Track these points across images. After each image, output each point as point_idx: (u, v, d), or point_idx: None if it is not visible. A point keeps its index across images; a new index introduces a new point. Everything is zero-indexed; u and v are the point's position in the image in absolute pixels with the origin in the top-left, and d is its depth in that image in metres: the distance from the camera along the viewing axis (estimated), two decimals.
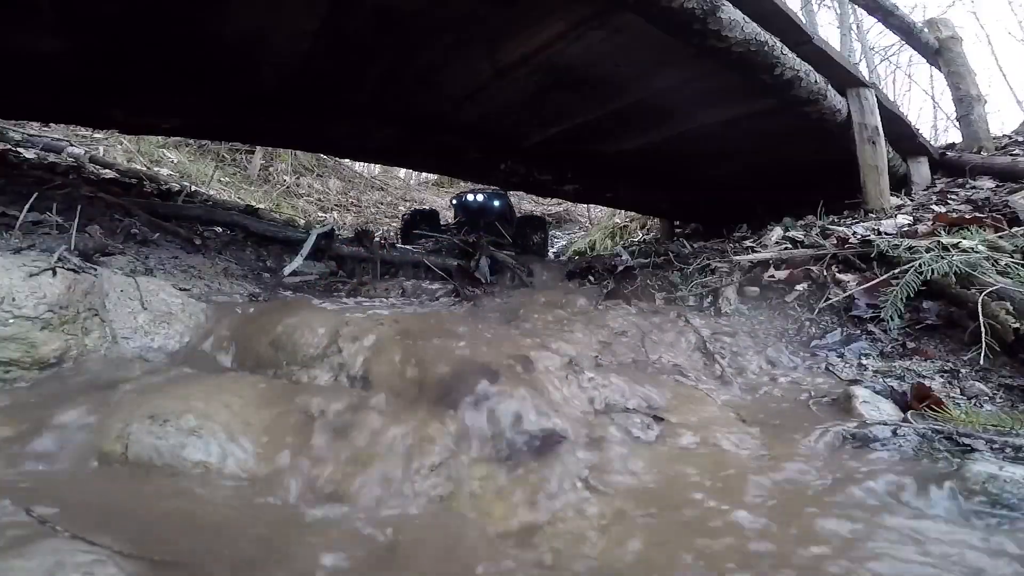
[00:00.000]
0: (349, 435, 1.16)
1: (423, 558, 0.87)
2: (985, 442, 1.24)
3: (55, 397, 1.16)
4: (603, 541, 0.93)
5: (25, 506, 0.78)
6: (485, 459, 1.12)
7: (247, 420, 1.13)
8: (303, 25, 2.63)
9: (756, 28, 2.58)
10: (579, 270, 3.21)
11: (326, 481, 1.04)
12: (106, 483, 0.96)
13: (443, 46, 2.87)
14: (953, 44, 4.86)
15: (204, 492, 0.97)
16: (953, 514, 0.96)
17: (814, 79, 3.03)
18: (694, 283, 2.70)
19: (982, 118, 4.74)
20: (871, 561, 0.82)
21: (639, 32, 2.53)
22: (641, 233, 7.23)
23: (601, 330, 1.97)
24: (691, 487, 1.10)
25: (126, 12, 2.41)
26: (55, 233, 1.99)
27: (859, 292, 2.17)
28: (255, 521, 0.91)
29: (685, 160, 4.49)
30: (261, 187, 9.27)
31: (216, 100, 3.27)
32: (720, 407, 1.50)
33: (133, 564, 0.69)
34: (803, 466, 1.18)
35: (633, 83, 3.15)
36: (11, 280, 1.24)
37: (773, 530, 0.93)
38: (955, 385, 1.64)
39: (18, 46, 2.56)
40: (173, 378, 1.28)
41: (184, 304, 1.61)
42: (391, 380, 1.39)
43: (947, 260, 2.01)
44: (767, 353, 1.94)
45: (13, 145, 4.43)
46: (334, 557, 0.83)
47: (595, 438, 1.26)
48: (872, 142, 3.39)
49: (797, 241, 2.91)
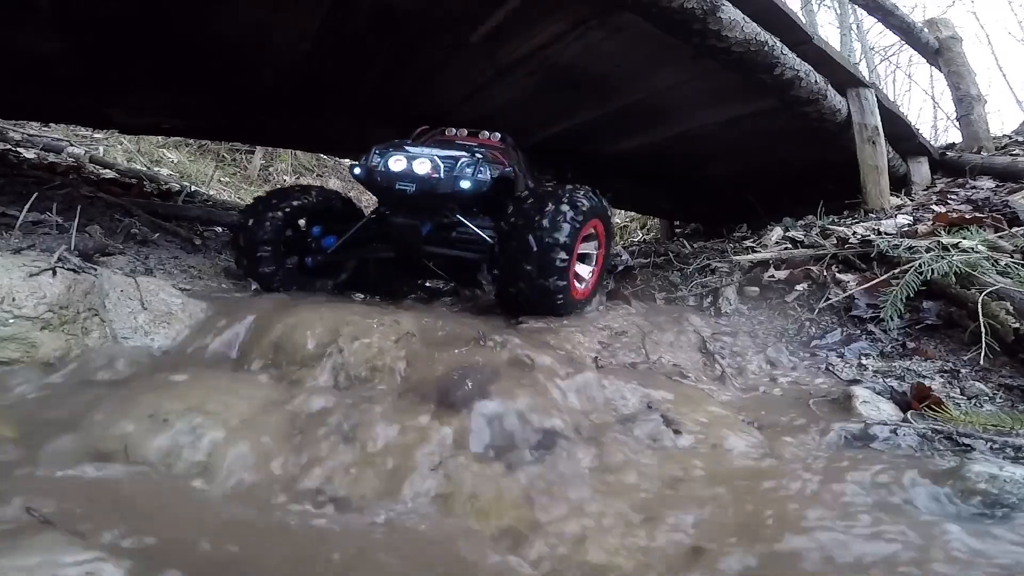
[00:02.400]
0: (349, 435, 1.16)
1: (420, 557, 0.87)
2: (985, 442, 1.24)
3: (55, 396, 1.16)
4: (602, 541, 0.93)
5: (26, 505, 0.78)
6: (485, 459, 1.12)
7: (248, 419, 1.13)
8: (303, 25, 2.63)
9: (756, 28, 2.58)
10: None
11: (326, 481, 1.04)
12: (106, 482, 0.96)
13: (443, 46, 2.87)
14: (953, 44, 4.86)
15: (204, 492, 0.97)
16: (952, 513, 0.96)
17: (814, 79, 3.03)
18: (694, 283, 2.70)
19: (982, 118, 4.74)
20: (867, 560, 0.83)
21: (639, 32, 2.53)
22: (641, 233, 7.22)
23: (601, 331, 1.97)
24: (691, 487, 1.10)
25: (126, 12, 2.41)
26: (55, 233, 1.99)
27: (859, 292, 2.17)
28: (255, 521, 0.91)
29: (685, 160, 4.48)
30: (261, 187, 9.27)
31: (216, 100, 3.27)
32: (721, 407, 1.50)
33: (133, 563, 0.69)
34: (803, 466, 1.18)
35: (633, 83, 3.15)
36: (11, 280, 1.24)
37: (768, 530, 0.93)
38: (955, 385, 1.64)
39: (18, 46, 2.56)
40: (173, 378, 1.28)
41: (184, 304, 1.61)
42: (391, 380, 1.39)
43: (947, 260, 2.01)
44: (767, 353, 1.94)
45: (13, 145, 4.43)
46: (334, 556, 0.83)
47: (595, 438, 1.26)
48: (872, 142, 3.39)
49: (797, 241, 2.91)
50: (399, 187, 2.08)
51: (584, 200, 2.04)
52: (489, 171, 2.24)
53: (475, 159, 2.18)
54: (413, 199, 2.10)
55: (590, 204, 2.06)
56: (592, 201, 2.09)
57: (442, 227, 2.29)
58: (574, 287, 2.07)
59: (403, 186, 2.07)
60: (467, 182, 2.06)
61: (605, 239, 2.30)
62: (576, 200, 2.02)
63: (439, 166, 2.09)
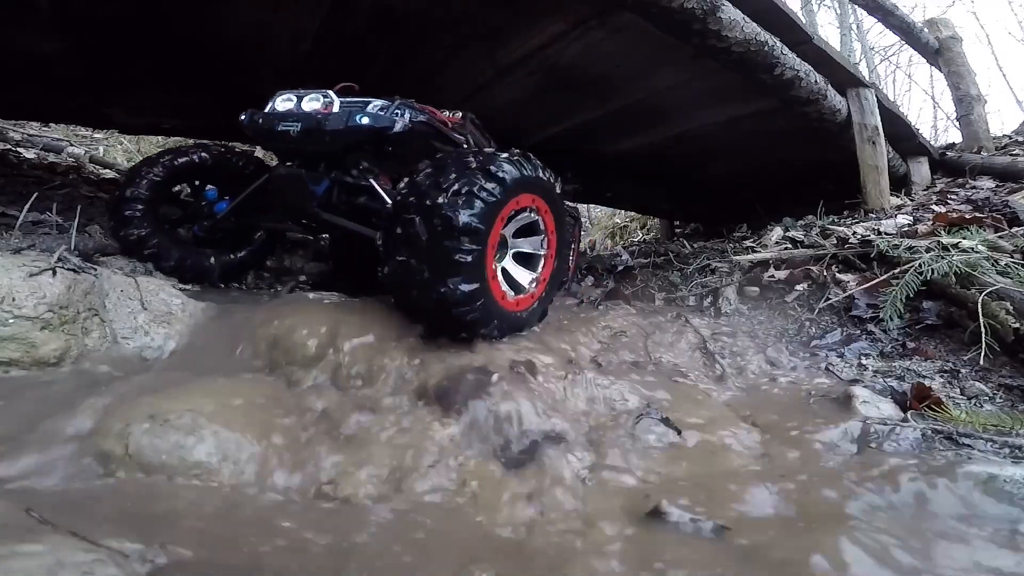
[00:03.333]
0: (349, 434, 1.16)
1: (417, 555, 0.87)
2: (985, 442, 1.24)
3: (55, 397, 1.16)
4: (598, 541, 0.93)
5: (25, 505, 0.78)
6: (485, 458, 1.12)
7: (248, 419, 1.13)
8: (303, 25, 2.63)
9: (756, 28, 2.58)
10: (580, 270, 3.21)
11: (326, 480, 1.04)
12: (106, 482, 0.96)
13: (443, 46, 2.87)
14: (953, 44, 4.86)
15: (205, 491, 0.97)
16: (951, 513, 0.96)
17: (814, 79, 3.03)
18: (694, 283, 2.70)
19: (982, 118, 4.74)
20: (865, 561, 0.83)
21: (639, 32, 2.53)
22: (641, 233, 7.22)
23: (601, 331, 1.97)
24: (691, 487, 1.10)
25: (126, 12, 2.41)
26: (55, 233, 1.99)
27: (859, 292, 2.17)
28: (255, 521, 0.91)
29: (685, 160, 4.48)
30: None
31: (216, 100, 3.26)
32: (720, 407, 1.50)
33: (133, 563, 0.69)
34: (803, 465, 1.18)
35: (633, 83, 3.15)
36: (11, 280, 1.24)
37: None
38: (955, 385, 1.64)
39: (18, 46, 2.56)
40: (173, 378, 1.28)
41: (184, 304, 1.61)
42: (391, 380, 1.39)
43: (947, 260, 2.01)
44: (767, 353, 1.94)
45: (13, 145, 4.43)
46: (336, 554, 0.83)
47: (595, 439, 1.26)
48: (872, 142, 3.39)
49: (797, 241, 2.91)
50: (281, 128, 1.65)
51: (508, 165, 1.45)
52: (409, 114, 1.75)
53: (391, 101, 1.73)
54: (297, 142, 1.65)
55: (518, 171, 1.47)
56: (522, 168, 1.50)
57: (347, 189, 1.76)
58: (499, 294, 1.50)
59: (286, 126, 1.64)
60: (367, 118, 1.61)
61: (556, 226, 1.72)
62: (493, 165, 1.42)
63: (334, 102, 1.67)
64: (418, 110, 1.87)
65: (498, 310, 1.49)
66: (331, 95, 1.70)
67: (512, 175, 1.46)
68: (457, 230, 1.33)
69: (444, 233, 1.33)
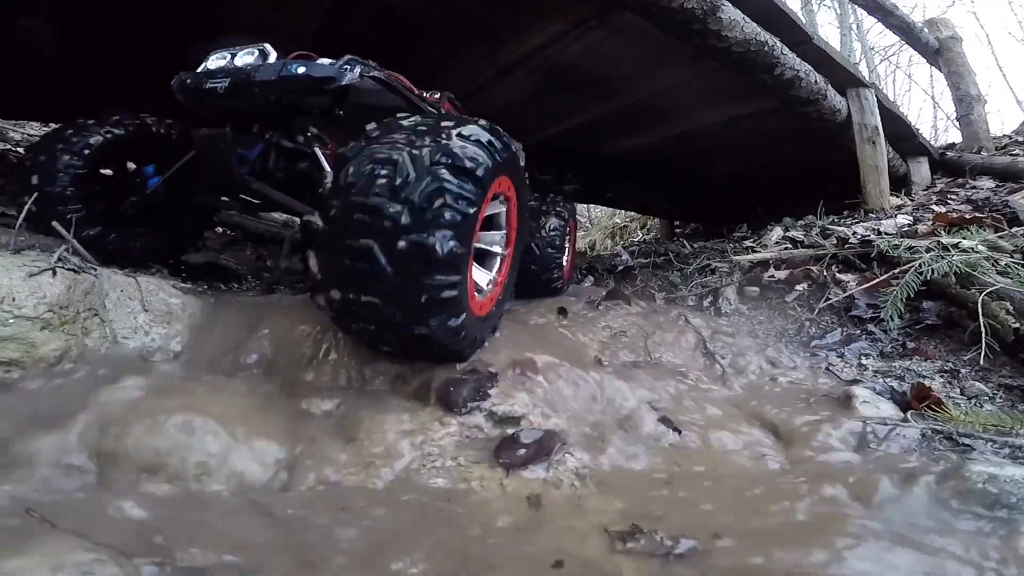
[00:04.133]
0: (349, 434, 1.16)
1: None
2: (985, 442, 1.24)
3: (55, 397, 1.16)
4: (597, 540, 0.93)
5: (25, 505, 0.78)
6: (485, 458, 1.12)
7: (249, 419, 1.13)
8: (303, 25, 2.64)
9: (756, 28, 2.58)
10: (580, 270, 3.21)
11: (326, 479, 1.04)
12: (106, 483, 0.96)
13: (443, 46, 2.87)
14: (953, 44, 4.87)
15: (204, 492, 0.97)
16: (950, 512, 0.96)
17: (814, 79, 3.03)
18: (694, 283, 2.70)
19: (982, 118, 4.75)
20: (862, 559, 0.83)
21: (639, 32, 2.54)
22: (641, 233, 7.22)
23: (602, 330, 1.97)
24: (691, 487, 1.10)
25: (126, 12, 2.41)
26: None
27: (859, 292, 2.17)
28: (257, 521, 0.91)
29: (685, 160, 4.49)
30: None
31: None
32: (721, 407, 1.50)
33: (133, 563, 0.69)
34: (803, 465, 1.18)
35: (633, 83, 3.15)
36: (11, 280, 1.24)
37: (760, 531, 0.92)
38: (955, 385, 1.64)
39: (18, 45, 2.56)
40: (174, 378, 1.28)
41: (184, 304, 1.61)
42: (392, 380, 1.39)
43: (947, 260, 2.01)
44: (767, 353, 1.94)
45: (13, 145, 4.43)
46: (336, 553, 0.83)
47: (595, 438, 1.26)
48: (872, 142, 3.39)
49: (797, 241, 2.91)
50: (209, 85, 1.43)
51: (478, 149, 1.13)
52: (360, 68, 1.46)
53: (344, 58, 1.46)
54: (225, 98, 1.42)
55: (492, 152, 1.18)
56: (494, 147, 1.19)
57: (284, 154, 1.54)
58: (476, 307, 1.27)
59: (214, 83, 1.43)
60: (303, 67, 1.36)
61: (518, 217, 1.44)
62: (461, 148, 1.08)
63: (269, 55, 1.45)
64: (379, 70, 1.60)
65: (476, 322, 1.28)
66: (268, 48, 1.49)
67: (486, 161, 1.13)
68: (438, 263, 1.00)
69: (419, 268, 1.00)
